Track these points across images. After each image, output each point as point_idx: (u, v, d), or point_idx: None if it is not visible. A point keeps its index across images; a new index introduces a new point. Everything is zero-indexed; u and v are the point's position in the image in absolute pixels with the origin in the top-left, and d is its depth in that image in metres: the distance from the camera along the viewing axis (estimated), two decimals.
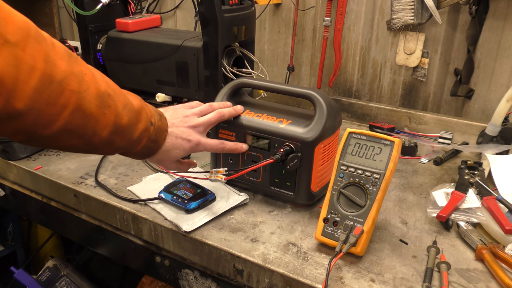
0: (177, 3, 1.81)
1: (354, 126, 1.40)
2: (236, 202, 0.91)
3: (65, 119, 0.57)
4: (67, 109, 0.57)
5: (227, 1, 1.11)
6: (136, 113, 0.68)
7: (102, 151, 0.68)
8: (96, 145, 0.64)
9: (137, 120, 0.68)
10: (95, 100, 0.60)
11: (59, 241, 1.83)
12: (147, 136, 0.70)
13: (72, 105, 0.57)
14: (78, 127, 0.59)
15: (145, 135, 0.70)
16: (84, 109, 0.59)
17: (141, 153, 0.73)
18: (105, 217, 0.96)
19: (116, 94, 0.64)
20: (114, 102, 0.63)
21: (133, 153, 0.72)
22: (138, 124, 0.68)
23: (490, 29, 1.26)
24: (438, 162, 1.13)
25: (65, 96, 0.56)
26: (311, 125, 0.86)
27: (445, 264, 0.73)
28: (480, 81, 1.31)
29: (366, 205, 0.75)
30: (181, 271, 0.90)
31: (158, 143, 0.73)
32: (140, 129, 0.68)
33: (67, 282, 1.48)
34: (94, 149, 0.66)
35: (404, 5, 1.28)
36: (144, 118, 0.69)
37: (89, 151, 0.67)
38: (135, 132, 0.68)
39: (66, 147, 0.63)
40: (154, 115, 0.73)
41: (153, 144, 0.73)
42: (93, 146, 0.64)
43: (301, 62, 1.60)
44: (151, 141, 0.72)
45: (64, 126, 0.58)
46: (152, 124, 0.71)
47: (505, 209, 0.84)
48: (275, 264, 0.75)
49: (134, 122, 0.67)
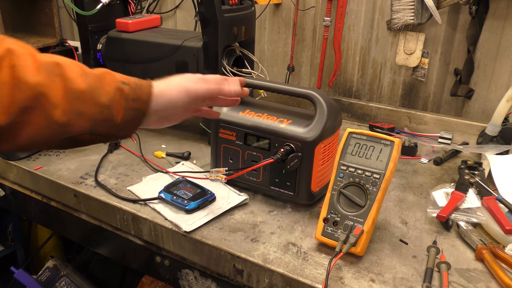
0: (177, 3, 1.81)
1: (354, 126, 1.40)
2: (236, 202, 0.91)
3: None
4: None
5: (227, 1, 1.11)
6: (97, 77, 0.62)
7: (76, 128, 0.60)
8: (61, 120, 0.58)
9: (100, 83, 0.62)
10: (38, 69, 0.56)
11: (59, 241, 1.83)
12: (122, 96, 0.63)
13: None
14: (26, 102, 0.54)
15: (118, 95, 0.62)
16: (27, 79, 0.54)
17: (130, 117, 0.64)
18: (105, 217, 0.96)
19: (69, 65, 0.60)
20: (64, 70, 0.59)
21: (120, 122, 0.63)
22: (104, 87, 0.62)
23: (490, 29, 1.26)
24: (438, 162, 1.13)
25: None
26: (312, 125, 0.86)
27: (445, 264, 0.73)
28: (480, 81, 1.31)
29: (366, 205, 0.75)
30: (181, 271, 0.90)
31: (142, 98, 0.65)
32: (108, 91, 0.62)
33: (67, 282, 1.48)
34: (65, 126, 0.59)
35: (404, 5, 1.28)
36: (110, 79, 0.63)
37: (63, 133, 0.60)
38: (102, 95, 0.61)
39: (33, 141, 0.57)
40: (129, 78, 0.66)
41: (137, 103, 0.65)
42: (59, 123, 0.58)
43: (301, 62, 1.60)
44: (132, 99, 0.64)
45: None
46: (126, 84, 0.64)
47: (505, 209, 0.84)
48: (275, 264, 0.75)
49: (96, 85, 0.61)
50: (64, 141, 0.62)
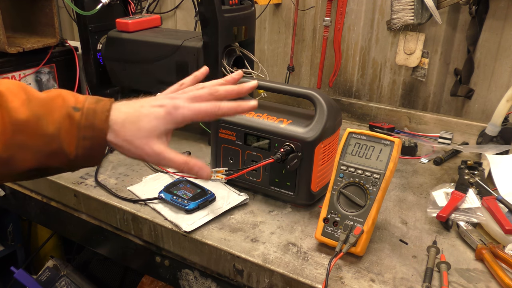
0: (177, 3, 1.81)
1: (354, 126, 1.40)
2: (236, 202, 0.91)
3: None
4: None
5: (227, 1, 1.11)
6: (44, 103, 0.55)
7: (20, 163, 0.54)
8: (2, 156, 0.52)
9: (47, 110, 0.55)
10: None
11: (59, 241, 1.83)
12: (73, 124, 0.55)
13: None
14: None
15: (67, 123, 0.55)
16: None
17: (86, 148, 0.56)
18: (105, 217, 0.96)
19: (12, 93, 0.54)
20: (5, 99, 0.53)
21: (74, 153, 0.56)
22: (52, 114, 0.55)
23: (490, 29, 1.26)
24: (438, 162, 1.13)
25: None
26: (312, 125, 0.86)
27: (445, 264, 0.73)
28: (480, 81, 1.31)
29: (366, 205, 0.75)
30: (181, 271, 0.90)
31: (98, 126, 0.56)
32: (55, 119, 0.55)
33: (67, 282, 1.48)
34: (8, 162, 0.53)
35: (404, 5, 1.28)
36: (59, 105, 0.56)
37: (7, 169, 0.54)
38: (49, 124, 0.54)
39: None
40: (84, 101, 0.57)
41: (91, 132, 0.56)
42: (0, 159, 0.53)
43: (301, 62, 1.60)
44: (85, 127, 0.56)
45: None
46: (78, 110, 0.56)
47: (505, 209, 0.83)
48: (275, 264, 0.75)
49: (43, 113, 0.54)
50: (20, 176, 0.57)
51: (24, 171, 0.56)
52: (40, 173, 0.59)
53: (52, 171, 0.59)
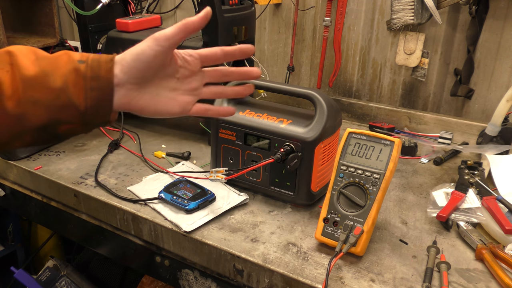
0: (177, 3, 1.81)
1: (354, 126, 1.40)
2: (236, 202, 0.91)
3: None
4: None
5: (227, 1, 1.11)
6: (52, 60, 0.57)
7: (33, 118, 0.56)
8: (16, 112, 0.54)
9: (54, 65, 0.57)
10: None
11: (59, 241, 1.83)
12: (80, 76, 0.56)
13: None
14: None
15: (73, 76, 0.56)
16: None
17: (95, 99, 0.57)
18: (105, 217, 0.96)
19: (22, 53, 0.57)
20: (15, 58, 0.56)
21: (84, 105, 0.57)
22: (59, 69, 0.56)
23: (490, 29, 1.26)
24: (438, 162, 1.13)
25: None
26: (312, 125, 0.86)
27: (445, 264, 0.73)
28: (480, 81, 1.31)
29: (366, 205, 0.75)
30: (181, 271, 0.90)
31: (103, 76, 0.57)
32: (63, 72, 0.56)
33: (67, 282, 1.48)
34: (21, 117, 0.55)
35: (404, 5, 1.28)
36: (66, 60, 0.57)
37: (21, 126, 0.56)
38: (57, 78, 0.56)
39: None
40: (88, 55, 0.59)
41: (97, 82, 0.57)
42: (14, 115, 0.55)
43: (301, 62, 1.60)
44: (91, 78, 0.57)
45: None
46: (83, 62, 0.57)
47: (505, 209, 0.84)
48: (275, 264, 0.75)
49: (50, 69, 0.56)
50: (34, 136, 0.58)
51: (36, 128, 0.57)
52: (52, 133, 0.59)
53: (64, 130, 0.59)
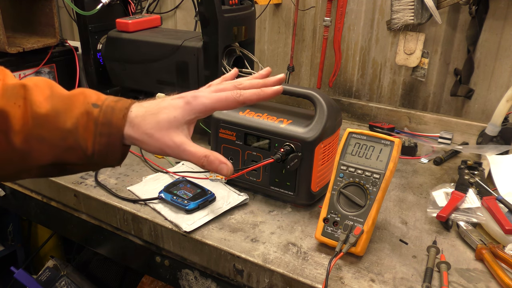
0: (177, 3, 1.81)
1: (354, 126, 1.40)
2: (236, 202, 0.91)
3: None
4: None
5: (227, 1, 1.11)
6: (66, 99, 0.56)
7: (38, 155, 0.55)
8: (22, 147, 0.54)
9: (68, 105, 0.56)
10: (2, 93, 0.54)
11: (59, 241, 1.83)
12: (91, 120, 0.56)
13: None
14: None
15: (85, 119, 0.56)
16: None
17: (103, 145, 0.56)
18: (105, 217, 0.96)
19: (38, 87, 0.56)
20: (30, 92, 0.55)
21: (91, 150, 0.56)
22: (72, 110, 0.56)
23: (490, 29, 1.26)
24: (438, 162, 1.13)
25: None
26: (312, 125, 0.86)
27: (445, 264, 0.73)
28: (480, 81, 1.31)
29: (366, 205, 0.75)
30: (181, 271, 0.90)
31: (115, 123, 0.57)
32: (75, 114, 0.55)
33: (67, 282, 1.48)
34: (26, 153, 0.54)
35: (404, 5, 1.28)
36: (81, 101, 0.56)
37: (25, 162, 0.55)
38: (68, 119, 0.55)
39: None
40: (105, 99, 0.58)
41: (107, 128, 0.56)
42: (20, 150, 0.54)
43: (301, 62, 1.60)
44: (102, 124, 0.56)
45: None
46: (97, 106, 0.57)
47: (505, 209, 0.83)
48: (275, 264, 0.75)
49: (63, 108, 0.55)
50: (38, 171, 0.58)
51: (41, 166, 0.56)
52: (58, 169, 0.59)
53: (70, 167, 0.59)
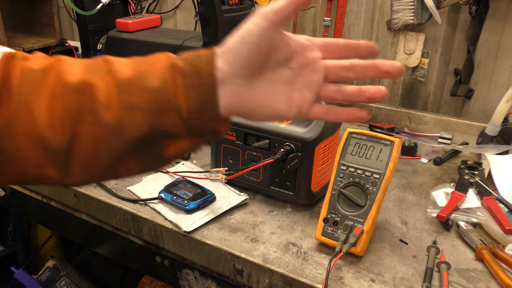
0: (177, 3, 1.81)
1: (354, 126, 1.39)
2: (236, 202, 0.91)
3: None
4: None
5: (227, 1, 1.11)
6: (147, 60, 0.52)
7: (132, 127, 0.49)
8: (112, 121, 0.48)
9: (150, 65, 0.51)
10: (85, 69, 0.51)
11: (59, 241, 1.83)
12: (178, 73, 0.49)
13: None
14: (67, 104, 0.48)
15: (170, 73, 0.49)
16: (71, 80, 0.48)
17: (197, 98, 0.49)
18: (105, 217, 0.96)
19: (117, 58, 0.54)
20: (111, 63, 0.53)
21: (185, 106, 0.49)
22: (155, 68, 0.51)
23: (490, 29, 1.26)
24: (438, 162, 1.13)
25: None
26: (312, 125, 0.86)
27: (445, 264, 0.73)
28: (480, 81, 1.31)
29: (366, 205, 0.75)
30: (181, 271, 0.90)
31: (204, 70, 0.50)
32: (159, 71, 0.50)
33: (67, 282, 1.48)
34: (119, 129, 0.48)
35: (404, 5, 1.28)
36: (162, 59, 0.51)
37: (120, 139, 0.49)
38: (155, 78, 0.49)
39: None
40: (187, 52, 0.52)
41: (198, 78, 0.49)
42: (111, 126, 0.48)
43: None
44: (191, 74, 0.49)
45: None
46: (181, 58, 0.51)
47: (505, 209, 0.83)
48: (275, 264, 0.75)
49: (146, 69, 0.51)
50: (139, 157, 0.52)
51: (138, 139, 0.50)
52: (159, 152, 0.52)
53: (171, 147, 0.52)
